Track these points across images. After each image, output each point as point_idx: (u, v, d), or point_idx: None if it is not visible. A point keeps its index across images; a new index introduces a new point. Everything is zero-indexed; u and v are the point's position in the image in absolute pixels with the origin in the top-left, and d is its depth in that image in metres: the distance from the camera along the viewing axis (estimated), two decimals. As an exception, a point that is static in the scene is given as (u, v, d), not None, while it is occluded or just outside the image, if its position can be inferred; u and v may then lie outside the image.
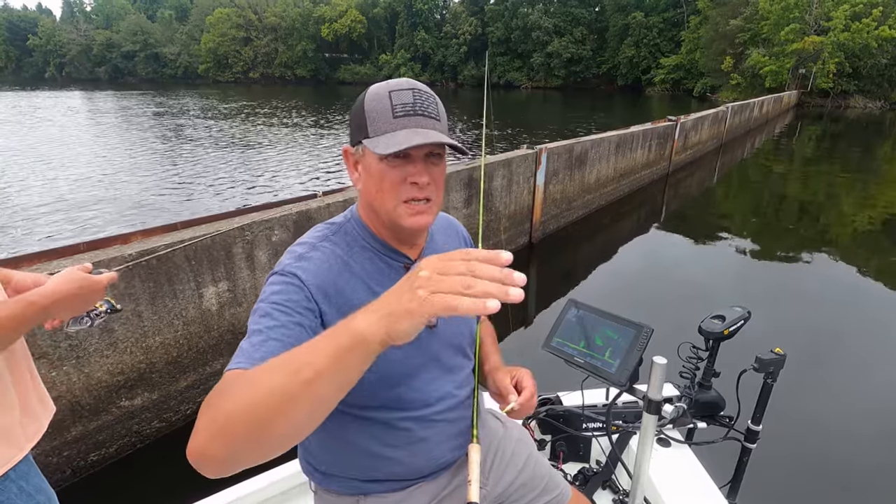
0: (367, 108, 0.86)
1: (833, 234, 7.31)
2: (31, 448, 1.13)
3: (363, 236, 0.96)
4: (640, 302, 4.85)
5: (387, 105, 0.85)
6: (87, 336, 2.46)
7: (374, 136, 0.85)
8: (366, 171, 0.89)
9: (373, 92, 0.88)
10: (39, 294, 1.04)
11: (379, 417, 0.96)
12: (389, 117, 0.84)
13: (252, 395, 0.59)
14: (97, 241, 2.69)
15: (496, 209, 5.46)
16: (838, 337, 4.19)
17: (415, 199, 0.88)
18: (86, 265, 1.15)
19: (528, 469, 1.22)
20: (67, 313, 1.12)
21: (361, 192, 0.93)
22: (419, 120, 0.85)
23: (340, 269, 0.91)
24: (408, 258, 0.98)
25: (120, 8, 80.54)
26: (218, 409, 0.61)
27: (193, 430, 0.62)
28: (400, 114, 0.84)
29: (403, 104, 0.85)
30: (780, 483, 2.58)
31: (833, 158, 14.49)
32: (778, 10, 32.98)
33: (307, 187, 9.37)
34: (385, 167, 0.86)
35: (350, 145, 0.92)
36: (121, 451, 2.74)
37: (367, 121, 0.86)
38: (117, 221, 7.42)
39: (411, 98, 0.85)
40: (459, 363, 1.08)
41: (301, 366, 0.59)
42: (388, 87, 0.87)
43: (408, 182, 0.87)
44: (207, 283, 2.90)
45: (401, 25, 64.82)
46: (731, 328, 1.51)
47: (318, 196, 3.62)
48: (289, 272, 0.87)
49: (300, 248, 0.92)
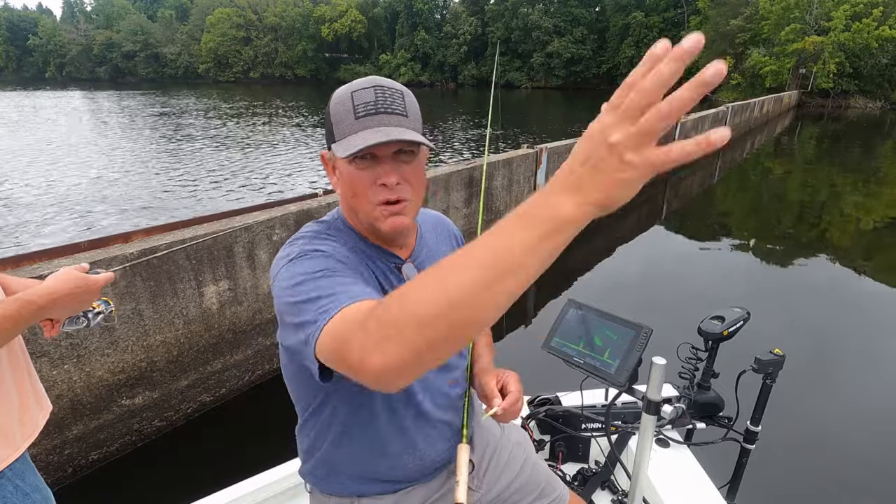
0: (332, 112, 0.85)
1: (833, 235, 7.31)
2: (27, 447, 1.13)
3: (351, 237, 0.95)
4: (639, 302, 4.85)
5: (349, 106, 0.83)
6: (88, 335, 2.46)
7: (339, 140, 0.84)
8: (340, 175, 0.88)
9: (337, 95, 0.86)
10: (36, 293, 1.04)
11: (375, 419, 0.95)
12: (351, 119, 0.83)
13: (445, 296, 0.52)
14: (98, 241, 2.69)
15: (497, 208, 5.47)
16: (838, 338, 4.19)
17: (388, 201, 0.85)
18: (83, 265, 1.16)
19: (526, 472, 1.21)
20: (64, 313, 1.12)
21: (340, 196, 0.92)
22: (381, 118, 0.82)
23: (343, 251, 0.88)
24: (398, 258, 0.97)
25: (120, 8, 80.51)
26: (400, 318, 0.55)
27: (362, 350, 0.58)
28: (361, 114, 0.82)
29: (365, 103, 0.83)
30: (778, 484, 2.58)
31: (833, 158, 14.49)
32: (778, 10, 32.97)
33: (308, 187, 9.38)
34: (354, 170, 0.84)
35: (326, 149, 0.92)
36: (122, 449, 2.75)
37: (333, 124, 0.85)
38: (120, 220, 7.43)
39: (373, 96, 0.83)
40: (455, 362, 1.07)
41: (498, 260, 0.51)
42: (350, 87, 0.85)
43: (377, 184, 0.84)
44: (208, 282, 2.90)
45: (401, 25, 64.80)
46: (731, 329, 1.51)
47: (318, 195, 3.63)
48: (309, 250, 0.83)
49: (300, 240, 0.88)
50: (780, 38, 32.30)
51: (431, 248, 1.06)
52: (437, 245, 1.09)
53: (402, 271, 0.96)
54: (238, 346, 3.20)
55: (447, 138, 15.51)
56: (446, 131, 17.12)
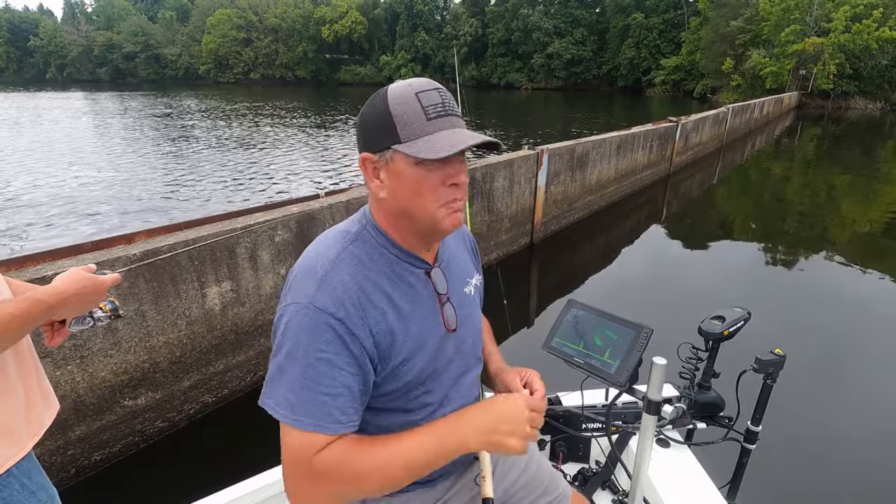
0: (394, 112, 0.82)
1: (833, 235, 7.32)
2: (33, 445, 1.13)
3: (382, 244, 0.92)
4: (639, 302, 4.86)
5: (417, 107, 0.81)
6: (92, 335, 2.48)
7: (409, 141, 0.81)
8: (395, 177, 0.85)
9: (396, 94, 0.83)
10: (46, 292, 1.05)
11: (390, 422, 0.96)
12: (423, 120, 0.81)
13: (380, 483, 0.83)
14: (102, 241, 2.70)
15: (498, 210, 5.48)
16: (838, 337, 4.20)
17: (455, 199, 0.86)
18: (90, 266, 1.17)
19: (531, 470, 1.22)
20: (71, 313, 1.13)
21: (387, 199, 0.87)
22: (452, 120, 0.84)
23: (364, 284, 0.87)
24: (428, 263, 0.97)
25: (121, 9, 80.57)
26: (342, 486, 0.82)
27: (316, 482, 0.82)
28: (433, 115, 0.82)
29: (434, 105, 0.82)
30: (779, 484, 2.59)
31: (834, 159, 14.50)
32: (778, 12, 32.97)
33: (310, 187, 9.39)
34: (422, 171, 0.83)
35: (368, 152, 0.86)
36: (124, 450, 2.76)
37: (397, 125, 0.81)
38: (123, 221, 7.45)
39: (439, 98, 0.83)
40: (476, 365, 1.09)
41: (416, 468, 0.84)
42: (411, 87, 0.83)
43: (447, 184, 0.84)
44: (211, 283, 2.91)
45: (401, 26, 64.89)
46: (731, 329, 1.51)
47: (320, 196, 3.64)
48: (315, 307, 0.82)
49: (320, 268, 0.86)
50: (781, 39, 32.30)
51: (453, 250, 1.07)
52: (457, 248, 1.10)
53: (430, 276, 0.97)
54: (240, 347, 3.21)
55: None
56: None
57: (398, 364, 0.90)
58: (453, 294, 1.01)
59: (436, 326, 0.96)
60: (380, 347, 0.87)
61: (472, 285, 1.09)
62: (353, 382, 0.84)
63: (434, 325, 0.96)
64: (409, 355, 0.91)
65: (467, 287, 1.07)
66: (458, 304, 1.02)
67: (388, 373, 0.90)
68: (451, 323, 0.98)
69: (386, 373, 0.90)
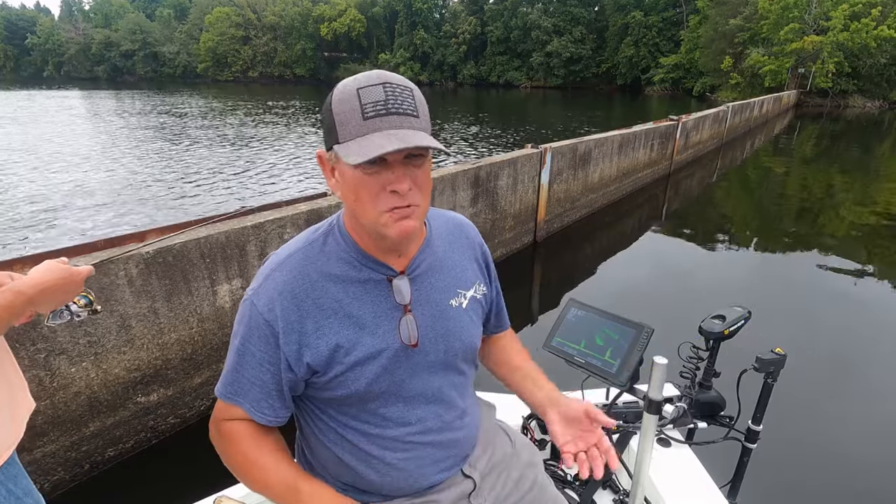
0: (334, 110, 0.77)
1: (833, 234, 7.35)
2: (16, 446, 1.11)
3: (343, 247, 0.90)
4: (640, 302, 4.89)
5: (355, 105, 0.75)
6: (106, 333, 2.52)
7: (345, 142, 0.76)
8: (342, 178, 0.81)
9: (341, 91, 0.78)
10: (26, 284, 1.02)
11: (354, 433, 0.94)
12: (359, 119, 0.75)
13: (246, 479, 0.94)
14: (114, 239, 2.74)
15: (502, 208, 5.52)
16: (839, 336, 4.22)
17: (398, 207, 0.79)
18: (62, 258, 1.14)
19: (532, 494, 1.14)
20: (49, 305, 1.10)
21: (341, 199, 0.85)
22: (393, 120, 0.75)
23: (308, 288, 0.87)
24: (392, 270, 0.91)
25: (119, 7, 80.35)
26: (227, 454, 0.97)
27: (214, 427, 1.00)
28: (370, 114, 0.75)
29: (374, 102, 0.75)
30: (780, 483, 2.59)
31: (832, 158, 14.55)
32: (777, 10, 32.97)
33: (315, 187, 9.42)
34: (360, 175, 0.77)
35: (324, 149, 0.84)
36: (137, 446, 2.81)
37: (336, 124, 0.77)
38: (131, 219, 7.47)
39: (382, 95, 0.75)
40: (452, 381, 1.01)
41: (272, 495, 0.91)
42: (356, 83, 0.77)
43: (387, 191, 0.78)
44: (221, 281, 2.96)
45: (400, 24, 64.70)
46: (732, 328, 1.52)
47: (328, 194, 3.68)
48: (253, 303, 0.88)
49: (269, 266, 0.91)
50: (779, 37, 32.32)
51: (439, 256, 0.99)
52: (449, 253, 1.01)
53: (392, 283, 0.91)
54: (249, 345, 3.24)
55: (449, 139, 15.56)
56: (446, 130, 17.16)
57: (343, 371, 0.87)
58: (424, 305, 0.94)
59: (392, 339, 0.90)
60: (316, 352, 0.87)
61: (464, 297, 1.00)
62: (269, 379, 0.89)
63: (390, 338, 0.90)
64: (354, 364, 0.88)
65: (455, 299, 0.99)
66: (430, 317, 0.94)
67: (331, 379, 0.88)
68: (408, 337, 0.91)
69: (328, 378, 0.88)
